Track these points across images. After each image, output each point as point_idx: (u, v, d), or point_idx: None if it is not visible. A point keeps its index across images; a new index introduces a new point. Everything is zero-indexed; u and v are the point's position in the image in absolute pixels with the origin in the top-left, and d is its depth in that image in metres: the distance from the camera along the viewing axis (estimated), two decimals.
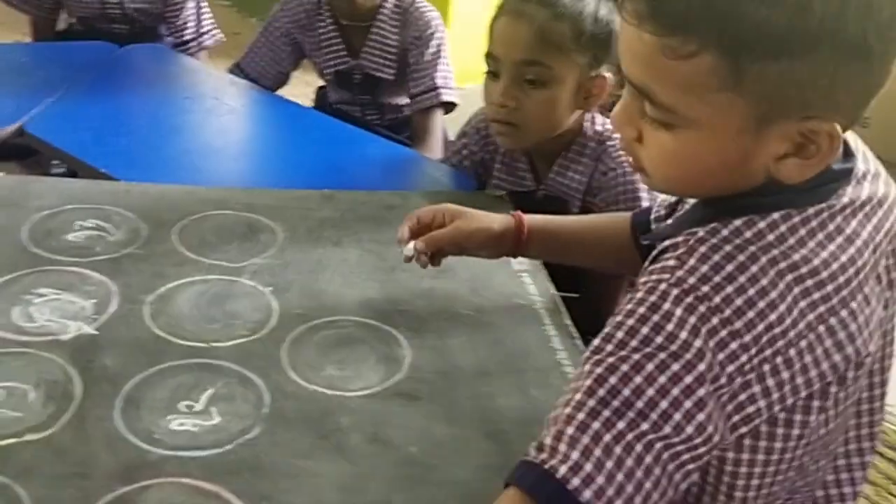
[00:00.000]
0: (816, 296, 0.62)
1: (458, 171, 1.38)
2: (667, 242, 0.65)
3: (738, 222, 0.63)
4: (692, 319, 0.59)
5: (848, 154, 0.68)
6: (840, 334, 0.63)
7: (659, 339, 0.60)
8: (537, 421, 0.82)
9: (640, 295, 0.62)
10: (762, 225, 0.63)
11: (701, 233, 0.63)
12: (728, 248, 0.62)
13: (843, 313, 0.63)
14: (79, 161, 1.28)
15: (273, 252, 1.06)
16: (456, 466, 0.77)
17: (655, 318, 0.60)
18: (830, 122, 0.60)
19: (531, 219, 0.97)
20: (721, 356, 0.59)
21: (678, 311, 0.60)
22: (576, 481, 0.57)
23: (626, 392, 0.59)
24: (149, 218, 1.10)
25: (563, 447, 0.59)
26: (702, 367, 0.59)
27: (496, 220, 0.96)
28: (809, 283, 0.62)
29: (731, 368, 0.60)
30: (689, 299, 0.60)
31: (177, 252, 1.04)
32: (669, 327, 0.60)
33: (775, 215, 0.63)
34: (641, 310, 0.61)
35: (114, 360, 0.84)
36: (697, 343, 0.59)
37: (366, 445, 0.78)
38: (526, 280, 1.06)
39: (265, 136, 1.53)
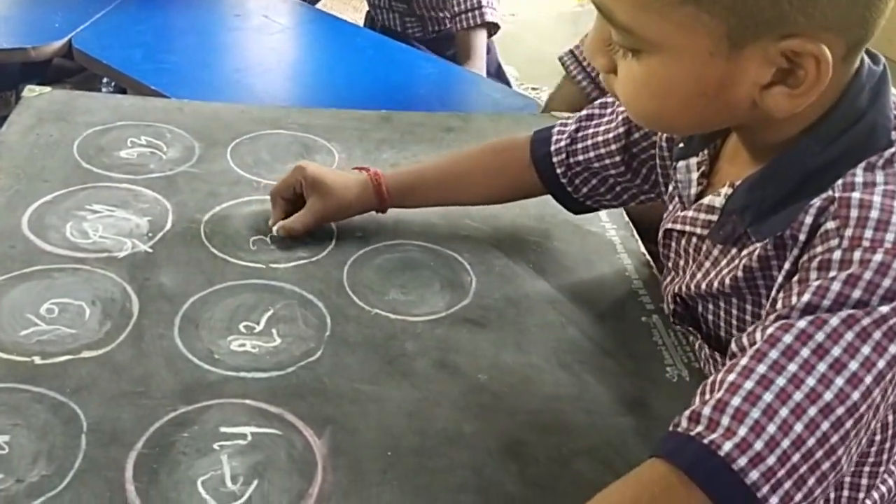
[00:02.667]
0: None
1: (515, 92, 1.31)
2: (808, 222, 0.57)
3: (860, 168, 0.57)
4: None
5: None
6: None
7: (866, 297, 0.52)
8: (613, 353, 0.79)
9: (819, 273, 0.54)
10: (883, 161, 0.57)
11: (839, 192, 0.56)
12: (884, 188, 0.55)
13: None
14: (128, 78, 1.24)
15: None
16: (527, 395, 0.73)
17: (863, 282, 0.52)
18: (817, 42, 0.52)
19: (391, 181, 0.90)
20: None
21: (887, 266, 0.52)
22: (742, 461, 0.50)
23: (806, 353, 0.51)
24: (202, 136, 1.06)
25: (725, 420, 0.51)
26: None
27: (354, 195, 0.89)
28: None
29: None
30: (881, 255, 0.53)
31: (232, 171, 1.00)
32: (886, 283, 0.52)
33: (887, 153, 0.57)
34: (833, 274, 0.53)
35: (171, 278, 0.81)
36: None
37: (433, 372, 0.74)
38: None
39: (318, 56, 1.48)
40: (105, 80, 1.51)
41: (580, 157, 0.84)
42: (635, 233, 0.96)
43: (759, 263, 0.61)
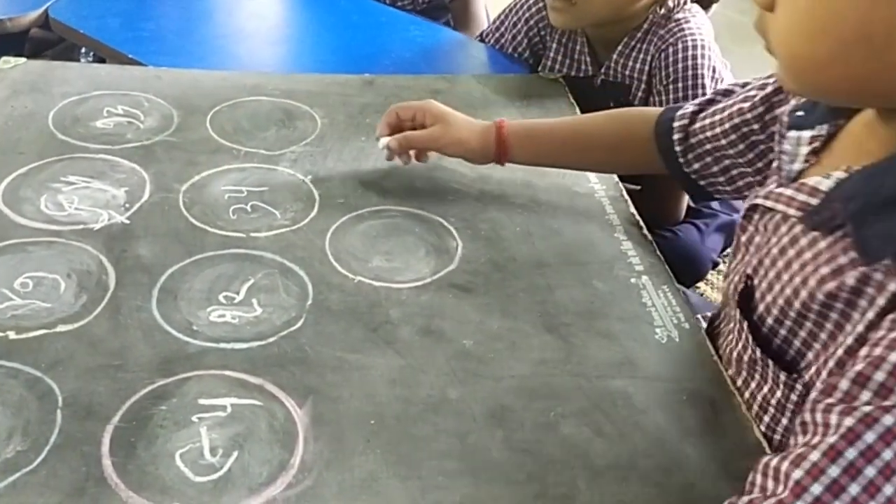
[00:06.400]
0: None
1: (504, 53, 1.28)
2: None
3: None
4: None
5: None
6: None
7: None
8: (602, 314, 0.77)
9: None
10: None
11: None
12: None
13: None
14: (106, 47, 1.21)
15: (312, 139, 0.99)
16: (513, 360, 0.71)
17: None
18: None
19: (514, 128, 0.90)
20: None
21: None
22: None
23: (888, 456, 0.46)
24: (181, 104, 1.03)
25: None
26: None
27: (475, 134, 0.89)
28: None
29: None
30: None
31: (211, 139, 0.98)
32: None
33: None
34: None
35: (148, 249, 0.79)
36: None
37: (417, 338, 0.73)
38: None
39: (300, 20, 1.44)
40: (84, 50, 1.49)
41: (699, 136, 0.81)
42: (624, 192, 0.94)
43: (859, 282, 0.52)
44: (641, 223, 0.89)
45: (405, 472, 0.61)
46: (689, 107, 0.83)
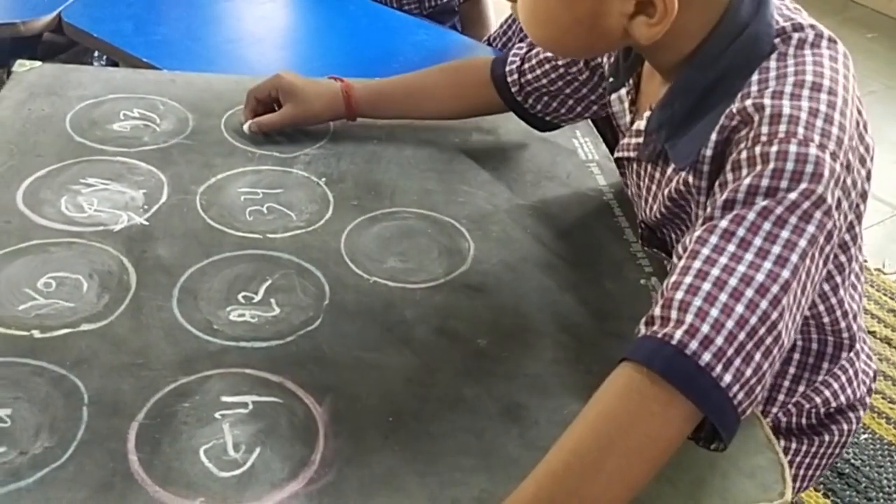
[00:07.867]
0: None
1: None
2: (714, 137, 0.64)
3: (755, 77, 0.63)
4: (807, 156, 0.58)
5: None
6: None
7: (775, 184, 0.58)
8: (613, 314, 0.79)
9: (733, 174, 0.61)
10: (776, 63, 0.63)
11: (736, 104, 0.63)
12: (785, 88, 0.62)
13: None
14: (119, 50, 1.22)
15: (325, 142, 1.01)
16: (527, 359, 0.73)
17: (768, 170, 0.58)
18: None
19: (360, 92, 0.98)
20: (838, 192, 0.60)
21: (793, 153, 0.58)
22: (693, 345, 0.54)
23: (732, 248, 0.57)
24: (196, 108, 1.05)
25: (674, 313, 0.56)
26: (818, 213, 0.58)
27: (325, 104, 0.98)
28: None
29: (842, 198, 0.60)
30: (795, 146, 0.59)
31: (226, 142, 0.99)
32: (789, 166, 0.58)
33: (774, 55, 0.64)
34: (744, 172, 0.60)
35: (168, 250, 0.81)
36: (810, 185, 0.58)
37: (432, 338, 0.74)
38: (594, 171, 0.99)
39: (310, 24, 1.46)
40: (96, 54, 1.50)
41: (528, 76, 0.92)
42: None
43: (684, 187, 0.68)
44: None
45: (423, 468, 0.62)
46: (515, 60, 0.93)
